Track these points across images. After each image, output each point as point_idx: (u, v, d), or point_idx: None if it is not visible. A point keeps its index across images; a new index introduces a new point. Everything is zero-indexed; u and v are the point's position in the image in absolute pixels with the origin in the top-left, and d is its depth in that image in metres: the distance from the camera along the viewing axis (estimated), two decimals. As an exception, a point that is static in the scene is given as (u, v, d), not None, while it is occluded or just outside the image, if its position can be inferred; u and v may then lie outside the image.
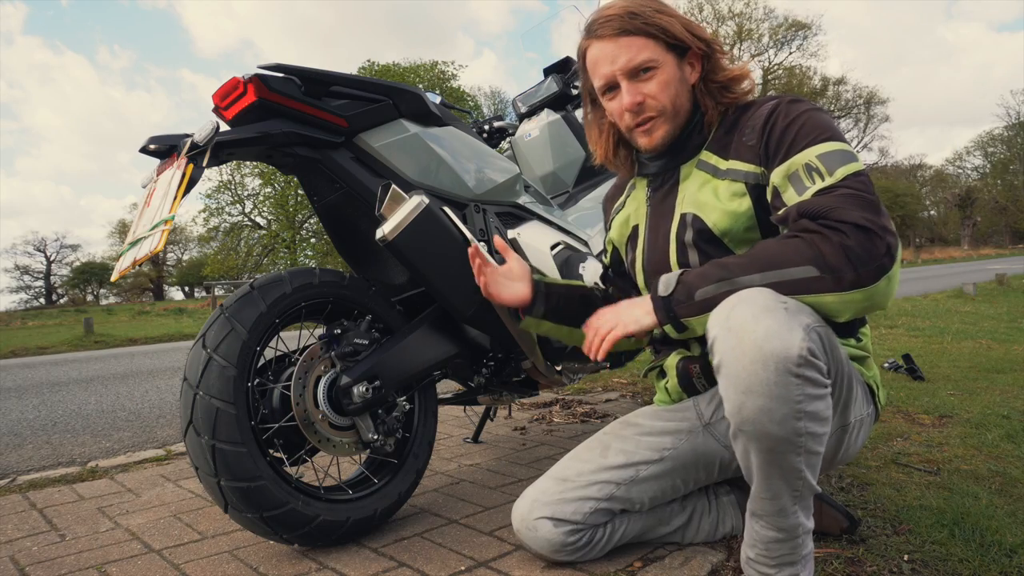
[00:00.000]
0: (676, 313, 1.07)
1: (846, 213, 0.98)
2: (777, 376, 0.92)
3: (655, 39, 1.17)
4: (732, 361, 0.95)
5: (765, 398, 0.93)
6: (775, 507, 1.03)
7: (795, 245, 1.00)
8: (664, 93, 1.19)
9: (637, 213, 1.37)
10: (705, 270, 1.07)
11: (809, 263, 0.97)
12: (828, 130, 1.09)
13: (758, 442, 0.97)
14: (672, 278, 1.10)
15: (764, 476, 1.01)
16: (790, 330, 0.92)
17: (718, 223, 1.17)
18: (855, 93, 39.63)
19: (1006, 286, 10.00)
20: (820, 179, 1.04)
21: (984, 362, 3.66)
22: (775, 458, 0.98)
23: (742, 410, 0.96)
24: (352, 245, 1.69)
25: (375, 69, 27.42)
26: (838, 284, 0.97)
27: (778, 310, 0.94)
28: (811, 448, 0.98)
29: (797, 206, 1.04)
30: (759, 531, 1.07)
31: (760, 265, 1.01)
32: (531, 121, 2.37)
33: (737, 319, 0.95)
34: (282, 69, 1.39)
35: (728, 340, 0.96)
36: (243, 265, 26.70)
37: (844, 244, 0.96)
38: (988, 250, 40.06)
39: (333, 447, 1.44)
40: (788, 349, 0.91)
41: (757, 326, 0.93)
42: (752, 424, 0.95)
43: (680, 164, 1.27)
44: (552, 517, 1.25)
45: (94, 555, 1.44)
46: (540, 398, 3.11)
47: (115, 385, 4.75)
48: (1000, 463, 1.85)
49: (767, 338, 0.92)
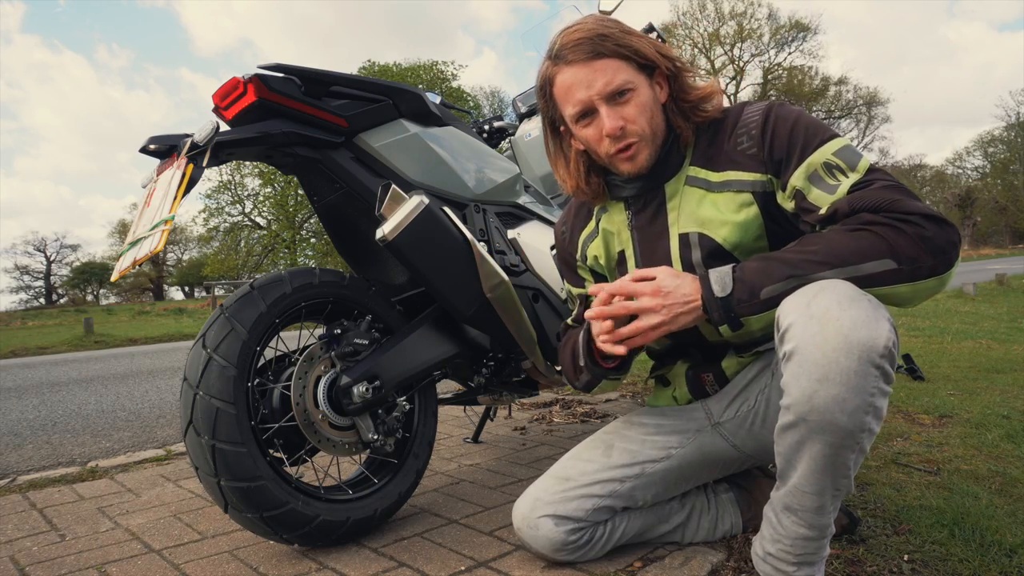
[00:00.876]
0: (736, 313, 1.04)
1: (908, 204, 0.98)
2: (860, 365, 0.90)
3: (628, 60, 1.13)
4: (812, 348, 0.92)
5: (842, 387, 0.91)
6: (817, 503, 1.01)
7: (867, 238, 0.98)
8: (643, 116, 1.14)
9: (619, 238, 1.29)
10: (766, 267, 1.03)
11: (886, 256, 0.96)
12: (828, 129, 1.09)
13: (822, 434, 0.94)
14: (726, 276, 1.05)
15: (815, 470, 0.98)
16: (877, 321, 0.91)
17: (728, 238, 1.14)
18: (856, 94, 39.64)
19: (1006, 286, 10.00)
20: (844, 175, 1.03)
21: (984, 362, 3.66)
22: (834, 452, 0.95)
23: (813, 398, 0.92)
24: (352, 245, 1.69)
25: (375, 69, 27.42)
26: (917, 274, 0.96)
27: (863, 300, 0.93)
28: (864, 446, 0.96)
29: (847, 200, 1.02)
30: (789, 526, 1.04)
31: (834, 261, 0.98)
32: (531, 121, 2.37)
33: (821, 306, 0.93)
34: (282, 69, 1.39)
35: (809, 327, 0.93)
36: (243, 265, 26.71)
37: (922, 235, 0.96)
38: (988, 250, 40.04)
39: (333, 447, 1.43)
40: (875, 339, 0.90)
41: (843, 314, 0.91)
42: (821, 413, 0.92)
43: (663, 183, 1.21)
44: (554, 515, 1.25)
45: (94, 555, 1.44)
46: (540, 398, 3.11)
47: (115, 385, 4.75)
48: (1000, 463, 1.85)
49: (854, 327, 0.90)
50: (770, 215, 1.14)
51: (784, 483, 1.04)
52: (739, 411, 1.24)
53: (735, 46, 37.21)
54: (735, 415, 1.25)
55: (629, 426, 1.33)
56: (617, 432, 1.33)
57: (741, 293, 1.03)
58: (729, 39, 37.00)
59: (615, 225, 1.30)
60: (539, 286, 1.75)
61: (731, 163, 1.15)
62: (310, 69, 1.42)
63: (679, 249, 1.19)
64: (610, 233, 1.30)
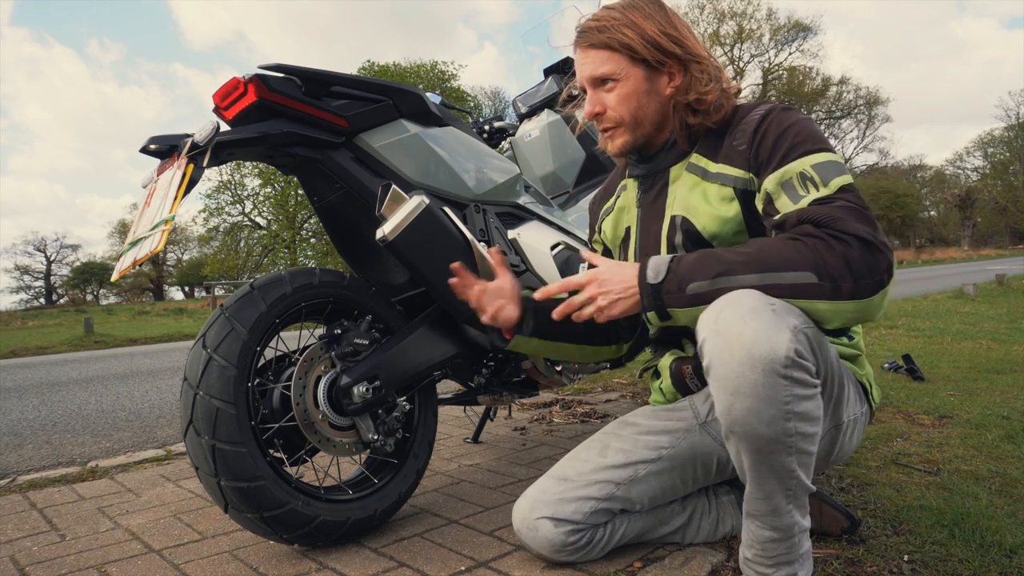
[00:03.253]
0: (664, 302, 1.06)
1: (850, 225, 0.98)
2: (764, 377, 0.93)
3: (619, 52, 1.19)
4: (721, 363, 0.96)
5: (753, 399, 0.94)
6: (769, 507, 1.04)
7: (797, 249, 0.99)
8: (622, 105, 1.22)
9: (629, 215, 1.37)
10: (699, 261, 1.05)
11: (809, 269, 0.98)
12: (820, 141, 1.10)
13: (748, 443, 0.98)
14: (663, 265, 1.07)
15: (756, 476, 1.02)
16: (777, 331, 0.93)
17: (707, 227, 1.18)
18: (856, 94, 39.65)
19: (1006, 287, 10.00)
20: (815, 189, 1.04)
21: (984, 362, 3.67)
22: (765, 458, 0.98)
23: (731, 411, 0.96)
24: (352, 245, 1.69)
25: (375, 69, 27.43)
26: (836, 293, 0.97)
27: (765, 312, 0.94)
28: (802, 448, 0.98)
29: (797, 213, 1.04)
30: (755, 531, 1.07)
31: (759, 265, 1.00)
32: (531, 121, 2.37)
33: (725, 321, 0.96)
34: (282, 69, 1.39)
35: (716, 342, 0.96)
36: (243, 265, 26.71)
37: (847, 255, 0.96)
38: (988, 251, 40.07)
39: (333, 447, 1.43)
40: (775, 351, 0.92)
41: (744, 328, 0.93)
42: (741, 425, 0.96)
43: (669, 166, 1.27)
44: (553, 517, 1.25)
45: (94, 555, 1.44)
46: (540, 398, 3.11)
47: (115, 385, 4.75)
48: (1000, 463, 1.85)
49: (755, 341, 0.92)
50: (751, 212, 1.16)
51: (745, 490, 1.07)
52: None
53: (735, 46, 37.22)
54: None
55: (624, 426, 1.34)
56: (613, 432, 1.34)
57: (671, 284, 1.06)
58: (729, 39, 37.02)
59: (628, 202, 1.38)
60: (539, 286, 1.75)
61: (726, 157, 1.18)
62: (310, 69, 1.42)
63: (667, 231, 1.24)
64: (622, 209, 1.39)
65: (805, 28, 36.73)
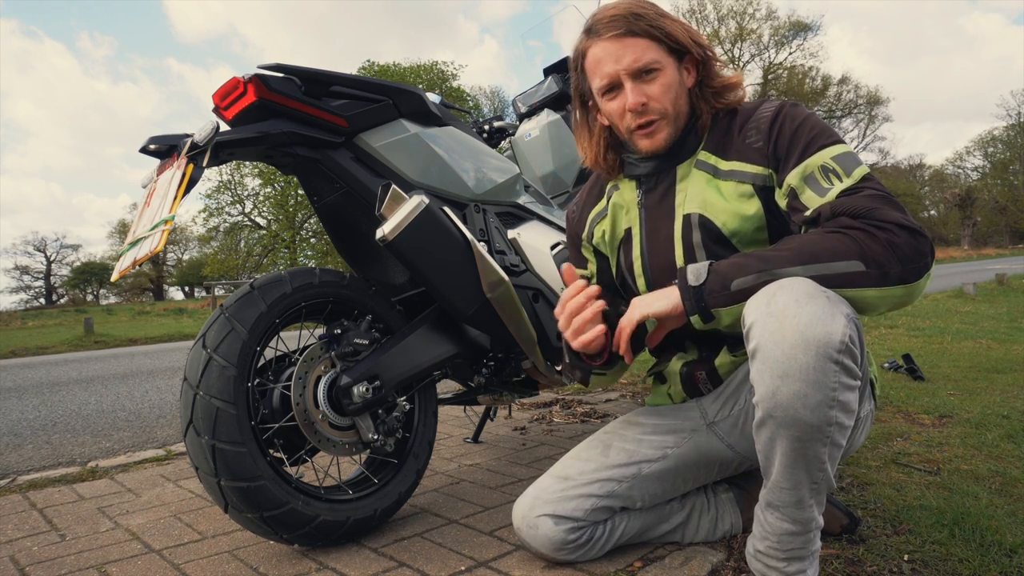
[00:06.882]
0: (707, 303, 1.06)
1: (887, 213, 1.00)
2: (817, 361, 0.92)
3: (658, 42, 1.18)
4: (771, 345, 0.95)
5: (801, 383, 0.93)
6: (794, 497, 1.03)
7: (840, 240, 1.00)
8: (666, 96, 1.19)
9: (628, 216, 1.32)
10: (741, 261, 1.06)
11: (856, 258, 0.98)
12: (834, 134, 1.12)
13: (788, 429, 0.96)
14: (702, 268, 1.08)
15: (788, 465, 1.00)
16: (833, 316, 0.93)
17: (727, 223, 1.17)
18: (856, 93, 39.64)
19: (1006, 286, 10.00)
20: (838, 180, 1.05)
21: (984, 362, 3.67)
22: (801, 447, 0.97)
23: (776, 395, 0.95)
24: (352, 245, 1.69)
25: (374, 69, 27.43)
26: (884, 279, 0.98)
27: (820, 297, 0.95)
28: (836, 440, 0.98)
29: (830, 206, 1.04)
30: (773, 523, 1.07)
31: (804, 258, 1.01)
32: (531, 121, 2.37)
33: (779, 304, 0.95)
34: (282, 69, 1.39)
35: (769, 324, 0.95)
36: (243, 265, 26.70)
37: (892, 242, 0.98)
38: (988, 250, 40.05)
39: (333, 447, 1.43)
40: (831, 335, 0.92)
41: (800, 311, 0.93)
42: (784, 409, 0.95)
43: (676, 165, 1.26)
44: (553, 514, 1.25)
45: (94, 555, 1.44)
46: (540, 398, 3.11)
47: (115, 385, 4.75)
48: (1000, 463, 1.85)
49: (810, 323, 0.92)
50: (770, 210, 1.16)
51: (766, 480, 1.06)
52: (732, 411, 1.25)
53: (735, 46, 37.22)
54: (728, 415, 1.26)
55: (627, 426, 1.34)
56: (615, 432, 1.34)
57: (714, 284, 1.06)
58: (729, 39, 37.01)
59: (625, 202, 1.34)
60: (539, 286, 1.76)
61: (739, 154, 1.18)
62: (310, 69, 1.42)
63: (682, 230, 1.22)
64: (619, 208, 1.34)
65: (805, 27, 36.72)
